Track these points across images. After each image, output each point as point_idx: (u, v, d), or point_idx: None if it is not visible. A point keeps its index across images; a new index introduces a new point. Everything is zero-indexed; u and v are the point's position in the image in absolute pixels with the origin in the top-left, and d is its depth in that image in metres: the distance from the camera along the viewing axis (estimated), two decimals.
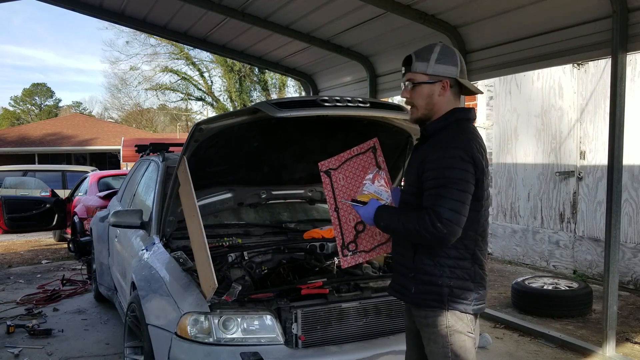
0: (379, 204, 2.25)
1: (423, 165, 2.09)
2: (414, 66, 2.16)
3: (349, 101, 2.78)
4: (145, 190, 4.55)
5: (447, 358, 2.13)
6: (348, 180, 2.63)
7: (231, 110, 26.04)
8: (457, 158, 2.01)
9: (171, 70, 30.04)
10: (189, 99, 32.75)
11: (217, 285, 2.66)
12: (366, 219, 2.26)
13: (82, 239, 6.99)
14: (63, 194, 10.98)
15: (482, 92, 2.25)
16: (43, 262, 8.62)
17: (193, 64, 29.78)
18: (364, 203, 2.29)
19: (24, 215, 8.70)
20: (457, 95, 2.20)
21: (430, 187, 2.05)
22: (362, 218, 2.29)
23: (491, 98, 8.45)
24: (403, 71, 2.23)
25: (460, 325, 2.12)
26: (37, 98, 54.52)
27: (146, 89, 32.14)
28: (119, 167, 22.43)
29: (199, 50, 25.46)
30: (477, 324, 2.26)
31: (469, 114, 2.20)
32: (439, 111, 2.16)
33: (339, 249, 2.59)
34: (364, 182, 2.45)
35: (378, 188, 2.39)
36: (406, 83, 2.21)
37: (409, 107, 2.26)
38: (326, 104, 2.72)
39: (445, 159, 2.02)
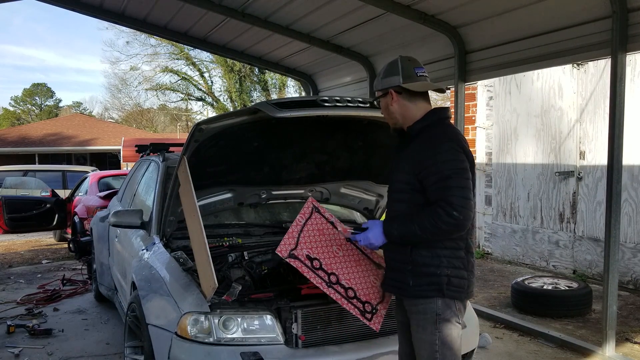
0: (380, 222, 2.32)
1: (419, 165, 2.20)
2: (374, 87, 2.43)
3: (349, 101, 2.79)
4: (146, 190, 4.56)
5: (434, 345, 2.19)
6: (315, 251, 2.56)
7: (231, 110, 26.04)
8: (452, 150, 2.17)
9: (171, 71, 30.08)
10: (189, 99, 32.83)
11: (217, 285, 2.66)
12: (375, 239, 2.30)
13: (82, 239, 7.00)
14: (63, 194, 10.97)
15: (441, 89, 2.56)
16: (43, 262, 8.62)
17: (193, 64, 29.83)
18: (362, 230, 2.36)
19: (24, 215, 8.70)
20: (418, 98, 2.32)
21: (434, 182, 2.14)
22: (369, 241, 2.31)
23: (491, 98, 8.45)
24: None
25: (448, 313, 2.20)
26: (37, 98, 54.54)
27: (146, 89, 32.25)
28: (119, 167, 22.45)
29: (199, 51, 25.53)
30: (466, 310, 2.35)
31: (448, 113, 2.38)
32: (405, 117, 2.32)
33: (361, 318, 2.53)
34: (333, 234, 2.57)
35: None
36: None
37: None
38: (326, 104, 2.73)
39: (441, 153, 2.16)
